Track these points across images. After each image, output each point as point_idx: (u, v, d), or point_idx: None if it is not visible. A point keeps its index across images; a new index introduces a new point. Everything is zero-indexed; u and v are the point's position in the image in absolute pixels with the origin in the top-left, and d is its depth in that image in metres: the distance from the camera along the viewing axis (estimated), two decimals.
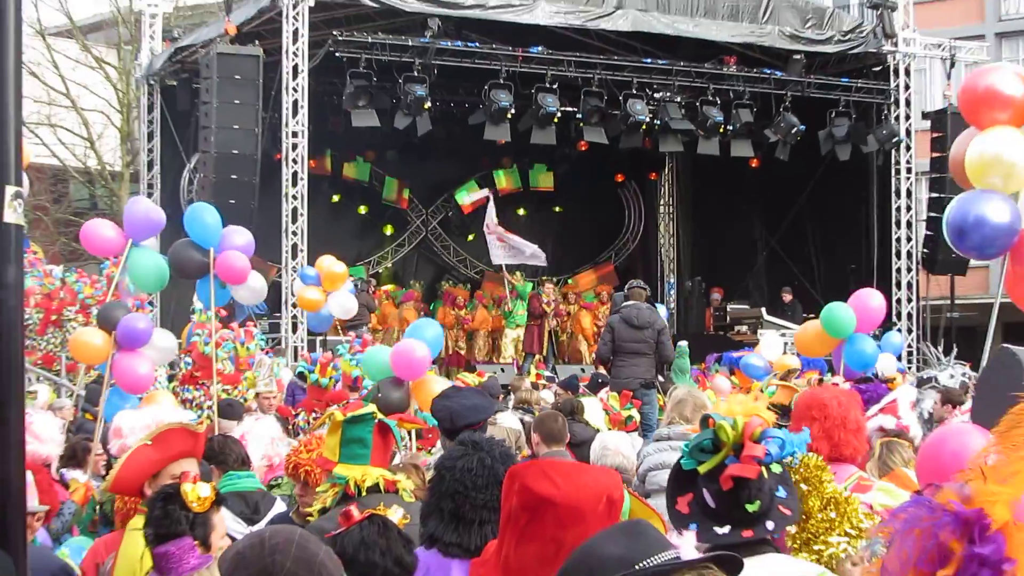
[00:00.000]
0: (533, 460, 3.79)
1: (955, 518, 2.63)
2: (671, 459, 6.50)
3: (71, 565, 6.30)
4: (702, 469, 4.29)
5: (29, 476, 6.67)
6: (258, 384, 15.52)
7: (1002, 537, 2.64)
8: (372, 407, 6.91)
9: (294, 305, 21.85)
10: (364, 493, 6.03)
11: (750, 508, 4.21)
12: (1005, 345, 8.49)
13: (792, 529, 4.67)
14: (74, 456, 9.89)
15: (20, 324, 4.86)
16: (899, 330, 26.81)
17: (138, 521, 5.37)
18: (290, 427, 13.19)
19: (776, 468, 4.32)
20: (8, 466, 4.66)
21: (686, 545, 3.14)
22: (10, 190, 4.62)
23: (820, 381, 16.49)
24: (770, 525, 4.23)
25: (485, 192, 26.94)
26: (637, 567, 2.99)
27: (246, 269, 12.34)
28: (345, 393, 13.87)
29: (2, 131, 4.75)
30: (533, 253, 26.55)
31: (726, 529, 4.24)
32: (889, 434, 7.33)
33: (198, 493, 4.90)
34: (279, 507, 6.28)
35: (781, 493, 4.29)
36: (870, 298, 16.22)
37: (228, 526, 6.18)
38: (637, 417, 14.48)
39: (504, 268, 26.74)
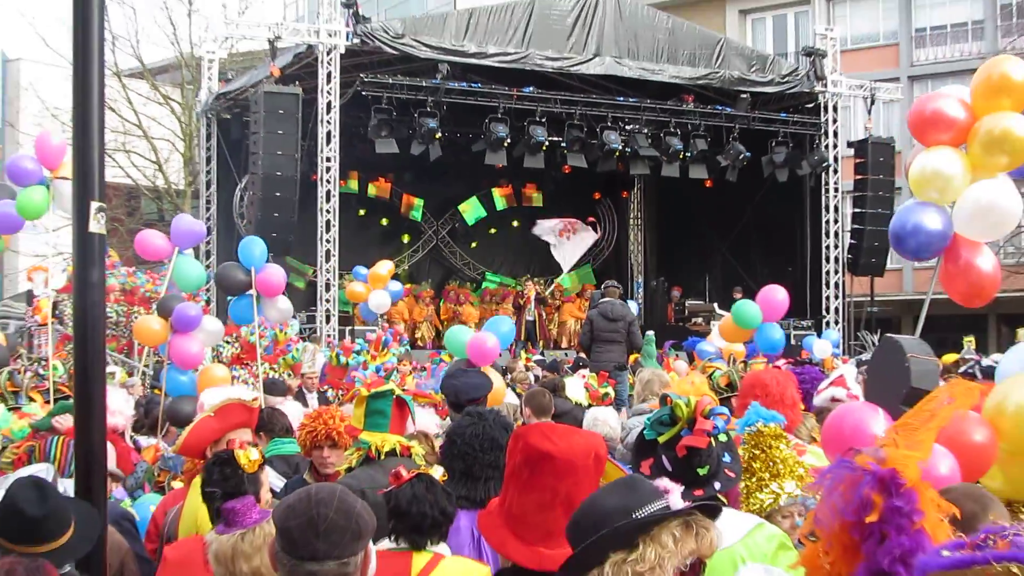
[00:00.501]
0: (535, 424, 3.81)
1: (874, 476, 2.67)
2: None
3: (132, 512, 6.34)
4: (661, 439, 4.33)
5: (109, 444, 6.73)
6: (303, 367, 15.61)
7: (914, 493, 2.67)
8: (391, 385, 6.94)
9: (327, 300, 21.95)
10: (384, 456, 6.06)
11: (701, 471, 4.25)
12: (888, 335, 8.55)
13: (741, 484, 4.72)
14: (145, 425, 9.93)
15: (102, 315, 4.88)
16: (827, 322, 26.89)
17: (199, 479, 5.41)
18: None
19: (723, 437, 4.35)
20: (92, 434, 4.68)
21: (675, 495, 3.17)
22: (94, 205, 4.65)
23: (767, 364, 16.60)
24: (717, 485, 4.25)
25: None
26: (634, 515, 3.02)
27: (281, 288, 12.65)
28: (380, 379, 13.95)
29: (89, 159, 4.77)
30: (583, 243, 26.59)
31: (682, 488, 4.29)
32: (841, 403, 7.36)
33: (249, 456, 4.94)
34: None
35: (727, 459, 4.31)
36: (775, 293, 16.47)
37: (272, 483, 6.19)
38: (612, 393, 14.53)
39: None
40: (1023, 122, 7.60)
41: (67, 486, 4.99)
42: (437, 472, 4.72)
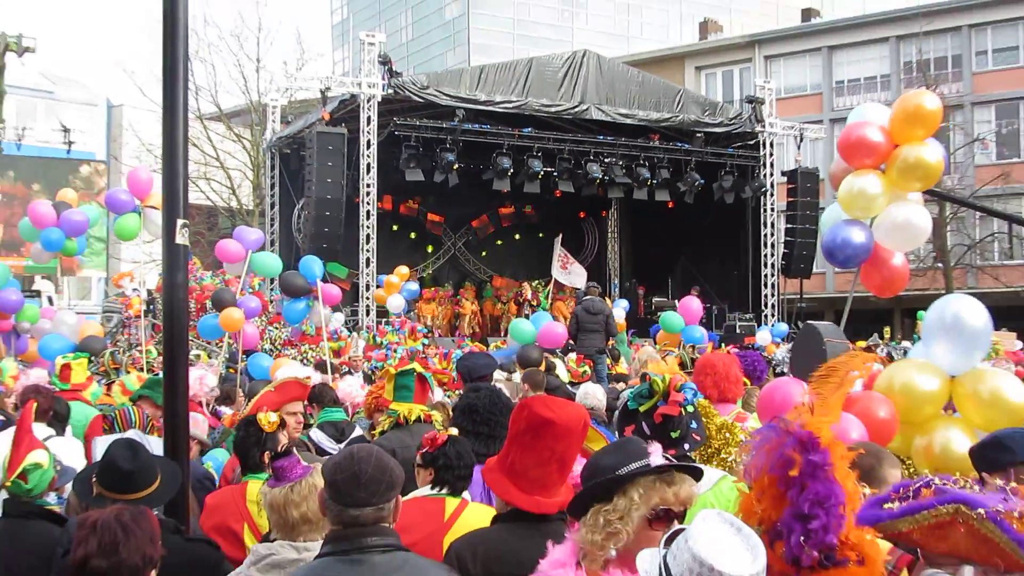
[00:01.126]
0: (537, 395, 3.83)
1: (795, 438, 2.67)
2: None
3: (212, 473, 6.34)
4: (642, 408, 4.34)
5: (195, 415, 6.73)
6: (350, 352, 15.83)
7: (827, 450, 2.67)
8: (414, 364, 6.95)
9: (367, 297, 21.99)
10: (411, 422, 6.07)
11: (673, 435, 4.25)
12: (809, 322, 8.52)
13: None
14: (226, 398, 9.93)
15: (186, 309, 4.92)
16: (765, 316, 26.91)
17: None
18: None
19: (691, 408, 4.36)
20: (177, 404, 4.70)
21: (656, 455, 3.16)
22: (179, 222, 4.68)
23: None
24: (686, 446, 4.26)
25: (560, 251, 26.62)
26: (619, 472, 3.03)
27: (338, 298, 14.10)
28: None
29: (175, 185, 4.78)
30: (581, 277, 26.47)
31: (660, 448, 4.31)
32: None
33: (268, 419, 4.98)
34: (357, 431, 6.29)
35: (694, 425, 4.32)
36: (691, 303, 17.08)
37: (323, 444, 6.15)
38: (590, 372, 14.87)
39: (553, 284, 26.57)
40: (935, 150, 7.56)
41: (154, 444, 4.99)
42: (455, 431, 4.75)
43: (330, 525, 3.35)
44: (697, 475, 3.19)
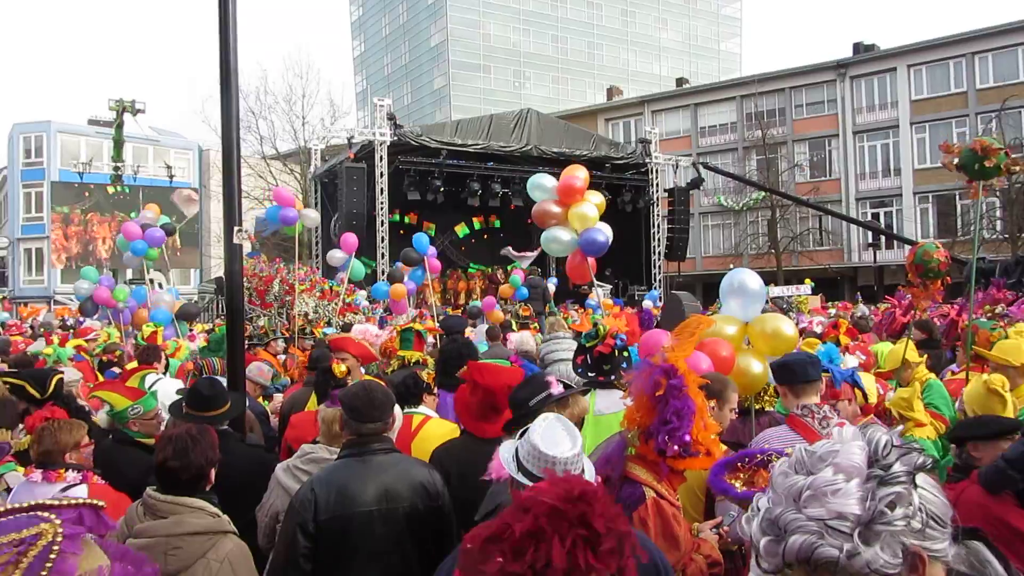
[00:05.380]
0: (475, 364, 3.73)
1: (661, 368, 2.62)
2: (555, 348, 6.43)
3: (267, 409, 6.19)
4: (587, 345, 4.33)
5: (262, 366, 6.57)
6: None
7: (683, 376, 2.63)
8: (412, 323, 6.88)
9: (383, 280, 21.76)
10: (412, 364, 6.02)
11: (605, 367, 4.25)
12: (673, 291, 8.47)
13: None
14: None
15: (241, 287, 4.79)
16: (654, 287, 26.97)
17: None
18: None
19: (626, 353, 4.34)
20: (236, 356, 4.59)
21: (555, 387, 3.09)
22: (236, 228, 4.54)
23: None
24: (613, 376, 4.25)
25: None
26: (530, 403, 2.96)
27: (438, 268, 14.05)
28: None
29: (232, 201, 4.65)
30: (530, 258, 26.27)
31: (593, 374, 4.31)
32: None
33: (340, 369, 4.87)
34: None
35: (624, 365, 4.29)
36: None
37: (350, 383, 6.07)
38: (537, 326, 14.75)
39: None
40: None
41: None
42: (424, 371, 4.69)
43: (347, 435, 3.32)
44: (586, 391, 3.13)
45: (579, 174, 7.73)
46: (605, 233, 7.51)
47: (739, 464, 2.73)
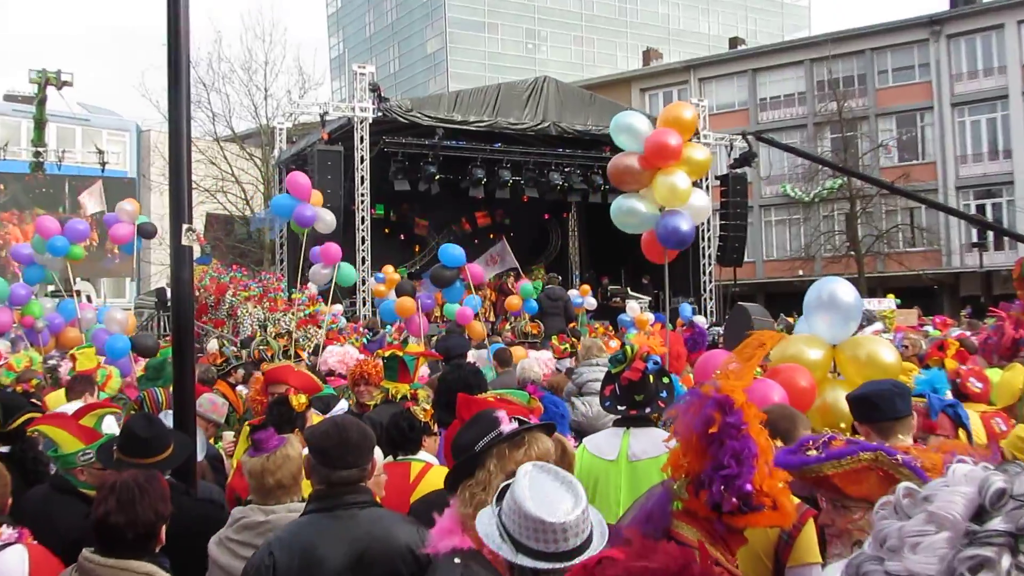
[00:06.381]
0: (465, 398, 3.65)
1: (714, 401, 2.62)
2: (593, 375, 6.46)
3: (221, 453, 6.24)
4: (613, 371, 4.34)
5: (215, 399, 6.60)
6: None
7: (741, 411, 2.63)
8: (395, 350, 6.95)
9: (363, 290, 21.81)
10: (399, 399, 6.07)
11: (637, 398, 4.24)
12: (739, 303, 8.45)
13: None
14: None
15: (191, 301, 4.83)
16: (704, 299, 26.95)
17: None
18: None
19: (666, 379, 4.33)
20: (185, 384, 4.62)
21: (505, 424, 2.99)
22: (185, 226, 4.59)
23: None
24: (648, 410, 4.24)
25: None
26: (475, 448, 2.90)
27: (481, 276, 14.23)
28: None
29: (181, 194, 4.69)
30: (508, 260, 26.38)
31: (623, 408, 4.31)
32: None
33: (299, 400, 4.91)
34: (342, 404, 6.24)
35: (663, 395, 4.28)
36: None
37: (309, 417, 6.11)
38: (570, 349, 13.31)
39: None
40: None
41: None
42: (419, 408, 4.72)
43: (315, 485, 3.33)
44: (549, 431, 3.06)
45: (684, 113, 7.20)
46: (690, 222, 7.15)
47: (811, 442, 2.75)
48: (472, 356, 9.60)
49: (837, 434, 2.76)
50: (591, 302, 22.00)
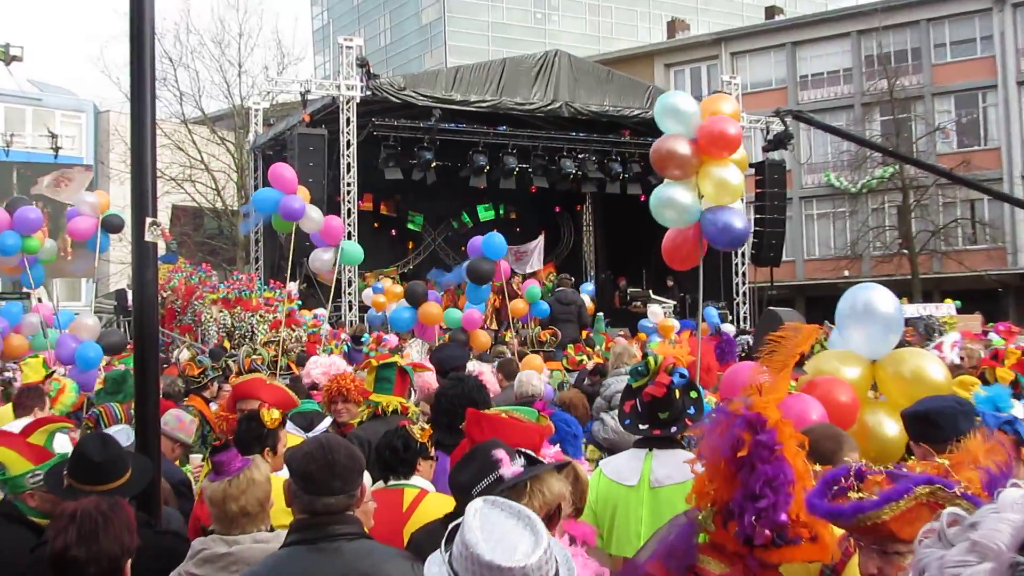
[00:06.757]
0: (479, 413, 3.66)
1: (743, 419, 2.63)
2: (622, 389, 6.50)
3: (188, 478, 6.22)
4: (635, 385, 4.33)
5: (182, 415, 6.61)
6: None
7: (774, 430, 2.64)
8: (396, 357, 6.92)
9: (349, 293, 21.83)
10: (389, 414, 6.06)
11: (662, 416, 4.25)
12: (769, 308, 8.46)
13: None
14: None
15: (155, 305, 4.81)
16: (736, 303, 26.93)
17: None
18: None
19: (694, 394, 4.33)
20: (148, 400, 4.61)
21: (506, 467, 3.00)
22: (148, 220, 4.58)
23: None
24: (673, 429, 4.23)
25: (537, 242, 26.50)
26: (472, 492, 2.91)
27: (509, 274, 14.14)
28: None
29: (144, 183, 4.70)
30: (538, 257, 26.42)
31: (646, 427, 4.31)
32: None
33: (271, 415, 4.90)
34: (326, 421, 6.23)
35: (691, 411, 4.27)
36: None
37: (292, 432, 6.13)
38: (586, 359, 13.51)
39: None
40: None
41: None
42: (416, 427, 4.72)
43: (296, 514, 3.32)
44: (560, 468, 3.07)
45: (724, 107, 7.26)
46: (743, 218, 7.20)
47: (842, 479, 2.62)
48: (473, 368, 9.61)
49: (864, 463, 2.68)
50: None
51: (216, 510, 3.76)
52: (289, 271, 13.26)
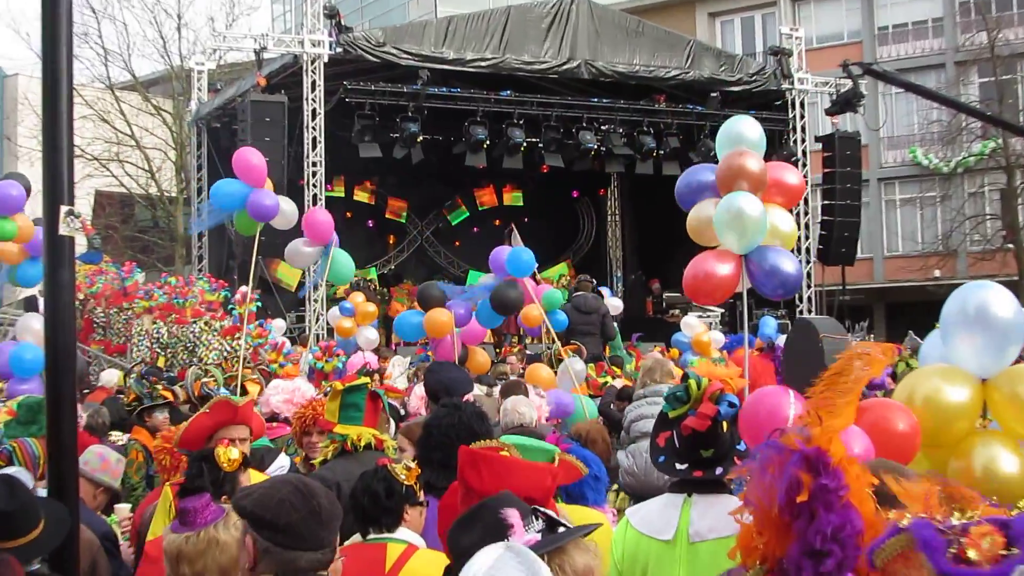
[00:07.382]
0: (475, 453, 3.64)
1: (801, 456, 2.62)
2: (649, 412, 6.45)
3: (115, 532, 6.20)
4: (671, 415, 4.33)
5: (107, 454, 6.62)
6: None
7: (840, 470, 2.64)
8: (366, 379, 6.89)
9: (315, 300, 21.83)
10: (360, 449, 6.01)
11: (704, 453, 4.23)
12: (800, 316, 8.53)
13: None
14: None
15: (72, 315, 4.79)
16: (800, 311, 26.88)
17: (177, 478, 5.33)
18: None
19: None
20: (63, 432, 4.57)
21: (518, 534, 3.00)
22: (64, 209, 4.57)
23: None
24: (719, 471, 4.20)
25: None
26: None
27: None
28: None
29: (59, 164, 4.70)
30: None
31: (684, 466, 4.29)
32: None
33: (229, 456, 4.86)
34: (283, 461, 6.22)
35: (741, 446, 4.27)
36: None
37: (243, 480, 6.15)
38: (611, 381, 13.67)
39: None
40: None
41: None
42: (400, 465, 4.68)
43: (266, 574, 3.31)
44: (586, 532, 3.08)
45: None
46: (795, 261, 8.12)
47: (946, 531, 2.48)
48: (478, 395, 9.62)
49: (974, 513, 2.58)
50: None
51: (170, 568, 3.78)
52: (240, 272, 13.24)
